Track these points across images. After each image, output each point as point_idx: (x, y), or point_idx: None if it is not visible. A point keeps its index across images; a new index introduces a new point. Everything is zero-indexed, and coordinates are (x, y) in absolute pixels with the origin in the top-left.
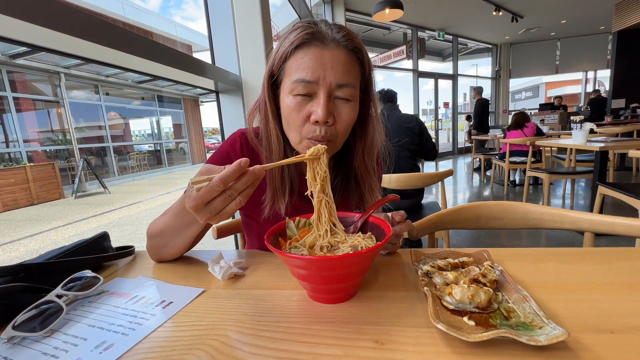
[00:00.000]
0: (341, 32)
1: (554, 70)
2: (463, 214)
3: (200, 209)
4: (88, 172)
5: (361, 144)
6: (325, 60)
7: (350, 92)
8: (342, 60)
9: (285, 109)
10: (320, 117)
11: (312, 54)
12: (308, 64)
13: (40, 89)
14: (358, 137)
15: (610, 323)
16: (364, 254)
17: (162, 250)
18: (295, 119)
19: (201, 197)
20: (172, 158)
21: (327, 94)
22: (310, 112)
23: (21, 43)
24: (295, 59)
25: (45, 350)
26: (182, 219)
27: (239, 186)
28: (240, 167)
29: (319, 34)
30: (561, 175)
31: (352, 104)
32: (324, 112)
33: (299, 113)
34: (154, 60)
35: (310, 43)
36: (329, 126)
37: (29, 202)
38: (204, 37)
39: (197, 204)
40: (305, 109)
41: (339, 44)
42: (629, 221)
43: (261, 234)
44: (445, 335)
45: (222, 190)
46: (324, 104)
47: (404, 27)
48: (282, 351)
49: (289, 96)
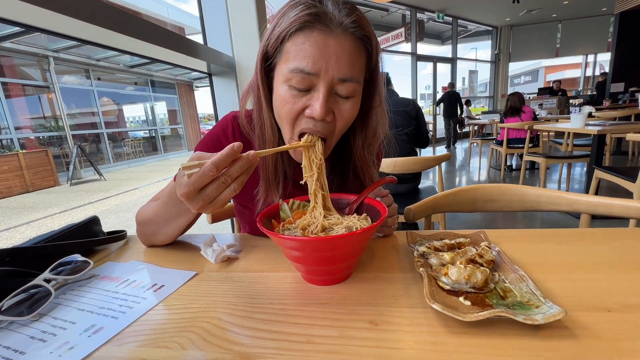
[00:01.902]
0: (351, 16)
1: (554, 53)
2: (460, 197)
3: (192, 197)
4: (82, 159)
5: (361, 137)
6: (330, 49)
7: (354, 88)
8: (348, 50)
9: (278, 98)
10: (318, 115)
11: (315, 40)
12: (309, 52)
13: (30, 74)
14: (358, 131)
15: (607, 302)
16: (358, 234)
17: (152, 238)
18: (288, 112)
19: (193, 183)
20: (167, 144)
21: (328, 88)
22: (307, 106)
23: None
24: (294, 43)
25: (33, 334)
26: (172, 208)
27: (233, 172)
28: (233, 151)
29: (324, 16)
30: (558, 160)
31: (354, 99)
32: (322, 109)
33: (293, 105)
34: (145, 40)
35: (313, 26)
36: (327, 123)
37: (24, 190)
38: (196, 19)
39: (189, 191)
40: (301, 101)
41: (346, 30)
42: (626, 202)
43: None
44: (441, 315)
45: (215, 177)
46: (323, 100)
47: (403, 8)
48: (275, 333)
49: (283, 85)
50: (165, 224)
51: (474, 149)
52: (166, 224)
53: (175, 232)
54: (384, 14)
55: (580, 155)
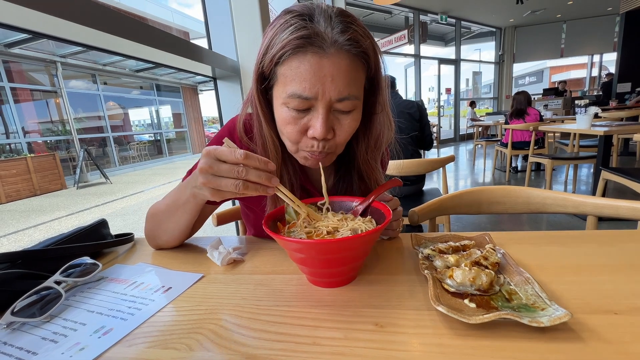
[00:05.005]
0: (345, 34)
1: (559, 53)
2: (465, 199)
3: (208, 163)
4: (89, 162)
5: (364, 143)
6: (325, 71)
7: (353, 104)
8: (343, 69)
9: (279, 120)
10: (319, 135)
11: (309, 64)
12: (304, 77)
13: (38, 79)
14: (361, 136)
15: (614, 304)
16: (363, 237)
17: (156, 233)
18: (291, 132)
19: (219, 151)
20: (172, 148)
21: (327, 109)
22: (308, 127)
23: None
24: (289, 67)
25: (45, 335)
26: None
27: (251, 173)
28: (265, 162)
29: (316, 37)
30: (564, 161)
31: (355, 112)
32: (323, 129)
33: (295, 126)
34: (151, 45)
35: (306, 49)
36: (328, 140)
37: (32, 193)
38: (201, 24)
39: (209, 153)
40: (302, 122)
41: (341, 48)
42: (633, 204)
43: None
44: (446, 317)
45: (237, 162)
46: (322, 120)
47: (406, 10)
48: (281, 334)
49: (283, 107)
50: (169, 216)
51: (478, 150)
52: (170, 216)
53: (176, 230)
54: (387, 16)
55: (586, 156)
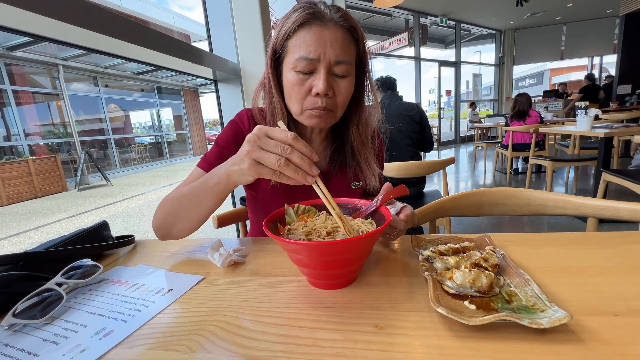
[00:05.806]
0: (338, 13)
1: (559, 56)
2: (465, 201)
3: (257, 135)
4: (90, 164)
5: (356, 117)
6: (325, 38)
7: (347, 69)
8: (339, 38)
9: (288, 83)
10: (321, 90)
11: (314, 33)
12: (310, 42)
13: (39, 82)
14: (353, 110)
15: (614, 306)
16: (362, 238)
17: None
18: (297, 92)
19: (269, 128)
20: (173, 150)
21: (327, 69)
22: (312, 86)
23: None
24: (297, 37)
25: (46, 337)
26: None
27: (295, 154)
28: (310, 152)
29: (319, 14)
30: (564, 163)
31: (349, 79)
32: (324, 85)
33: (301, 87)
34: (152, 48)
35: (311, 22)
36: (329, 98)
37: (33, 195)
38: (202, 27)
39: (260, 128)
40: (307, 83)
41: (337, 23)
42: (633, 206)
43: (265, 202)
44: (446, 319)
45: (284, 141)
46: (324, 78)
47: (406, 13)
48: (282, 336)
49: (291, 72)
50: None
51: (479, 152)
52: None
53: (197, 215)
54: (387, 19)
55: (587, 158)
